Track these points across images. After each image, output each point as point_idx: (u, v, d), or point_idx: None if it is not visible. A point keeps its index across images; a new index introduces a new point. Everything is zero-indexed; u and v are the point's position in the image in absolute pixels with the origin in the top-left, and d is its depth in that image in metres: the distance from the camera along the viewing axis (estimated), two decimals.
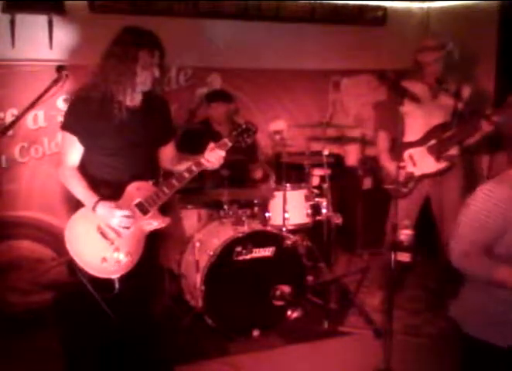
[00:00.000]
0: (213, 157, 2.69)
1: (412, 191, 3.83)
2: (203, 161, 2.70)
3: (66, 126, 2.65)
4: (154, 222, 2.68)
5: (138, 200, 2.65)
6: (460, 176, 3.85)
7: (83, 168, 2.67)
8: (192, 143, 2.99)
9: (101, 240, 2.62)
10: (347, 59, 4.92)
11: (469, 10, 4.75)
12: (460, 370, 2.34)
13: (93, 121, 2.60)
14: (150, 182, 2.68)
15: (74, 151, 2.65)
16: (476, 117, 3.55)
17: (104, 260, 2.60)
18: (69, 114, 2.66)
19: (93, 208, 2.58)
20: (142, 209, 2.65)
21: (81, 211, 2.65)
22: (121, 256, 2.62)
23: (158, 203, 2.68)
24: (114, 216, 2.58)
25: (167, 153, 2.88)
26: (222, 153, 2.71)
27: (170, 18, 4.26)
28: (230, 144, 2.74)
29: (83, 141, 2.63)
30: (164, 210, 2.75)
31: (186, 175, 2.69)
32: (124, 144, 2.64)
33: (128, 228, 2.61)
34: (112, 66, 2.56)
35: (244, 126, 2.76)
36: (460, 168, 3.84)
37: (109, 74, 2.57)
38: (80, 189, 2.62)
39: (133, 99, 2.65)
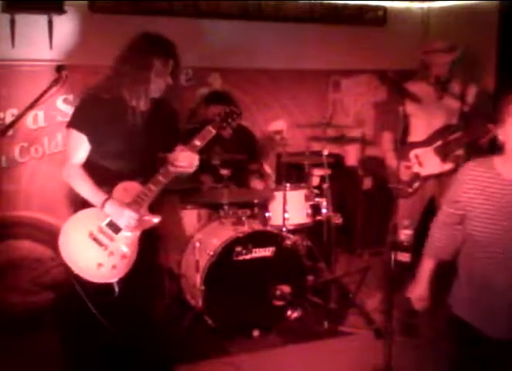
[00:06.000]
0: (185, 160, 2.64)
1: (417, 191, 3.83)
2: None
3: (76, 124, 2.63)
4: (145, 222, 2.66)
5: (126, 202, 2.62)
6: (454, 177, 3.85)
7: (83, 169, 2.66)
8: None
9: (95, 246, 2.61)
10: (347, 59, 4.92)
11: (469, 10, 4.75)
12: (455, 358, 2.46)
13: (102, 123, 2.59)
14: (136, 182, 2.65)
15: (81, 149, 2.63)
16: (484, 120, 3.55)
17: (100, 265, 2.60)
18: (79, 113, 2.65)
19: (102, 205, 2.57)
20: (132, 210, 2.62)
21: (72, 219, 2.65)
22: (125, 249, 2.61)
23: (147, 202, 2.65)
24: (123, 215, 2.57)
25: None
26: (190, 154, 2.65)
27: (170, 18, 4.25)
28: (214, 132, 2.68)
29: (90, 140, 2.62)
30: (164, 211, 2.75)
31: (171, 169, 2.65)
32: (128, 148, 2.64)
33: (135, 228, 2.60)
34: (127, 71, 2.56)
35: (227, 110, 2.72)
36: None
37: (123, 79, 2.57)
38: (87, 187, 2.60)
39: (143, 104, 2.64)
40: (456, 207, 2.37)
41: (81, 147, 2.63)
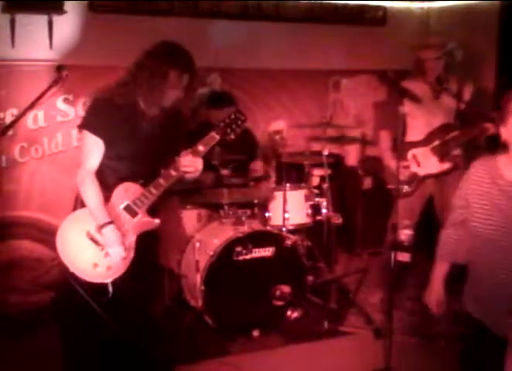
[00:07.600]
0: (189, 164, 2.64)
1: (415, 191, 3.83)
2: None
3: (92, 127, 2.59)
4: (143, 225, 2.66)
5: (125, 203, 2.62)
6: (463, 176, 3.85)
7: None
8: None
9: (91, 246, 2.60)
10: (347, 59, 4.92)
11: (469, 10, 4.75)
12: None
13: (114, 126, 2.58)
14: (138, 184, 2.64)
15: (97, 154, 2.60)
16: (481, 119, 3.55)
17: (96, 265, 2.60)
18: (95, 116, 2.61)
19: (102, 226, 2.56)
20: (131, 211, 2.62)
21: (70, 217, 2.64)
22: (124, 251, 2.61)
23: (147, 204, 2.64)
24: (116, 246, 2.57)
25: None
26: (194, 158, 2.64)
27: (170, 18, 4.25)
28: (218, 138, 2.67)
29: (105, 144, 2.60)
30: (164, 211, 2.74)
31: (173, 173, 2.64)
32: (136, 152, 2.63)
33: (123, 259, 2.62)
34: (143, 79, 2.55)
35: (232, 116, 2.69)
36: (463, 168, 3.84)
37: (140, 86, 2.56)
38: (95, 202, 2.57)
39: (155, 111, 2.64)
40: (464, 206, 2.38)
41: (97, 151, 2.59)
